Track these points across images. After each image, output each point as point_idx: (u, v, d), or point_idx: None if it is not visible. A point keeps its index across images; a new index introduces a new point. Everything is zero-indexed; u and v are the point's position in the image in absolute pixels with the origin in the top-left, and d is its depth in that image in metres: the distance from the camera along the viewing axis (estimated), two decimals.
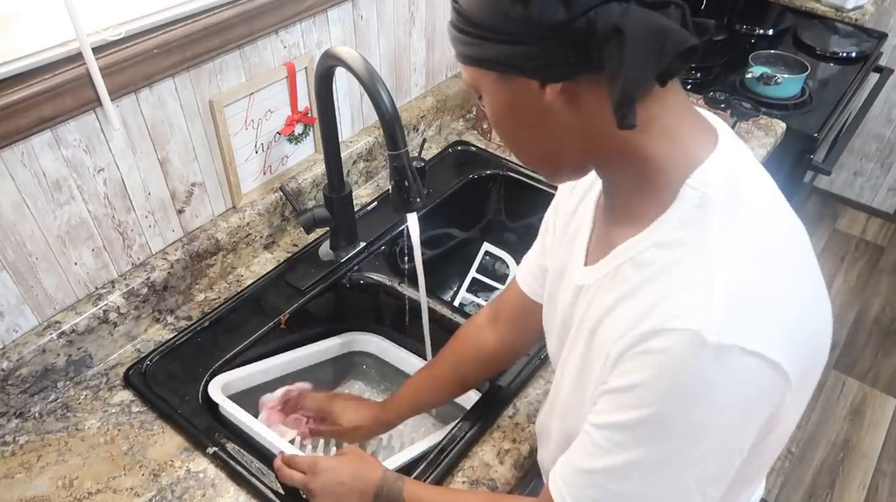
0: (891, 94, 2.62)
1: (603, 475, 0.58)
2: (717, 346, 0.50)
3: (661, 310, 0.54)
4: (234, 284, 1.19)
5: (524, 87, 0.57)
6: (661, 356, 0.53)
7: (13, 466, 0.92)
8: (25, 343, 0.96)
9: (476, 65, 0.59)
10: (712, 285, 0.53)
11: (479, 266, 1.49)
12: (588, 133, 0.58)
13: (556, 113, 0.57)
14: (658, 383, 0.53)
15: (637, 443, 0.56)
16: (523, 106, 0.59)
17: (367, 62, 0.91)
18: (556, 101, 0.56)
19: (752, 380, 0.52)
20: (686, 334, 0.51)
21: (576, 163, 0.63)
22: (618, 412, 0.56)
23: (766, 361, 0.51)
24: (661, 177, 0.58)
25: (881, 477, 2.08)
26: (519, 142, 0.64)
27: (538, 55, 0.54)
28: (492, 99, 0.61)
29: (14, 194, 0.88)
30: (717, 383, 0.51)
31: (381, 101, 0.89)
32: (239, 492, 0.90)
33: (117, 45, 0.90)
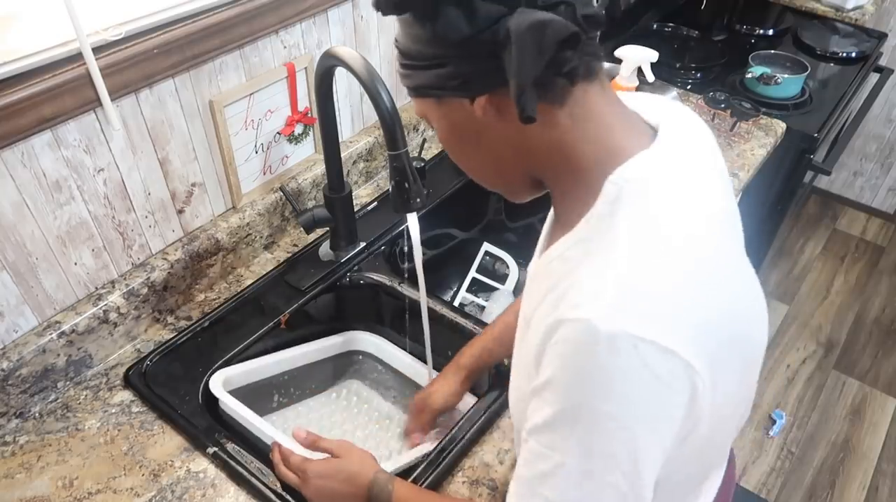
0: (891, 94, 2.62)
1: (538, 481, 0.58)
2: (608, 334, 0.51)
3: (564, 303, 0.55)
4: (234, 284, 1.19)
5: (457, 107, 0.60)
6: (563, 347, 0.53)
7: (13, 466, 0.92)
8: (25, 343, 0.96)
9: (416, 94, 0.63)
10: (607, 275, 0.54)
11: (479, 266, 1.49)
12: (520, 142, 0.61)
13: (490, 126, 0.60)
14: (564, 375, 0.54)
15: (558, 442, 0.55)
16: (461, 125, 0.62)
17: (368, 62, 0.91)
18: (486, 114, 0.59)
19: (648, 367, 0.51)
20: (580, 323, 0.52)
21: (522, 176, 0.65)
22: (540, 411, 0.56)
23: (659, 348, 0.51)
24: (587, 178, 0.59)
25: (881, 477, 2.08)
26: (468, 163, 0.67)
27: (456, 73, 0.57)
28: (437, 124, 0.65)
29: (14, 194, 0.88)
30: (613, 370, 0.51)
31: (381, 101, 0.90)
32: (239, 492, 0.90)
33: (117, 45, 0.90)
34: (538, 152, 0.61)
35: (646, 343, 0.51)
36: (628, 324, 0.51)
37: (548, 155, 0.61)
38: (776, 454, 2.13)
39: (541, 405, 0.56)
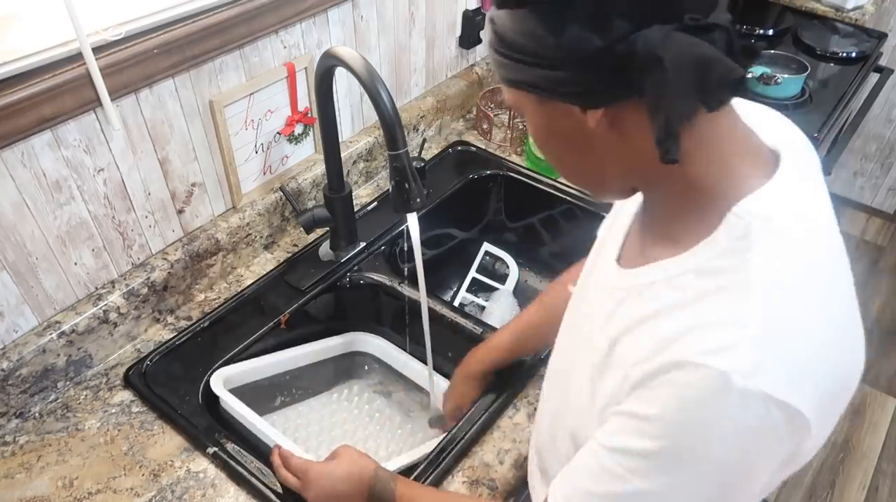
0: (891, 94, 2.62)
1: (606, 499, 0.57)
2: (743, 391, 0.49)
3: (691, 341, 0.52)
4: (234, 284, 1.19)
5: (565, 111, 0.55)
6: (685, 390, 0.51)
7: (13, 466, 0.92)
8: (25, 343, 0.96)
9: (516, 87, 0.57)
10: (745, 325, 0.51)
11: (479, 266, 1.49)
12: (631, 157, 0.57)
13: (599, 137, 0.56)
14: (678, 417, 0.52)
15: (648, 473, 0.54)
16: (565, 129, 0.58)
17: (368, 62, 0.91)
18: (598, 126, 0.55)
19: (774, 428, 0.50)
20: (713, 373, 0.50)
21: (619, 185, 0.62)
22: (632, 438, 0.55)
23: (790, 410, 0.50)
24: (705, 204, 0.56)
25: (881, 477, 2.08)
26: (562, 163, 0.63)
27: (576, 81, 0.52)
28: (533, 121, 0.60)
29: (14, 194, 0.88)
30: (738, 426, 0.50)
31: (382, 101, 0.89)
32: (239, 492, 0.90)
33: (117, 45, 0.90)
34: (651, 171, 0.57)
35: (778, 404, 0.49)
36: (766, 383, 0.49)
37: (662, 175, 0.57)
38: None
39: (636, 434, 0.54)
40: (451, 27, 1.49)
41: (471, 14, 1.48)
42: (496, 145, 1.54)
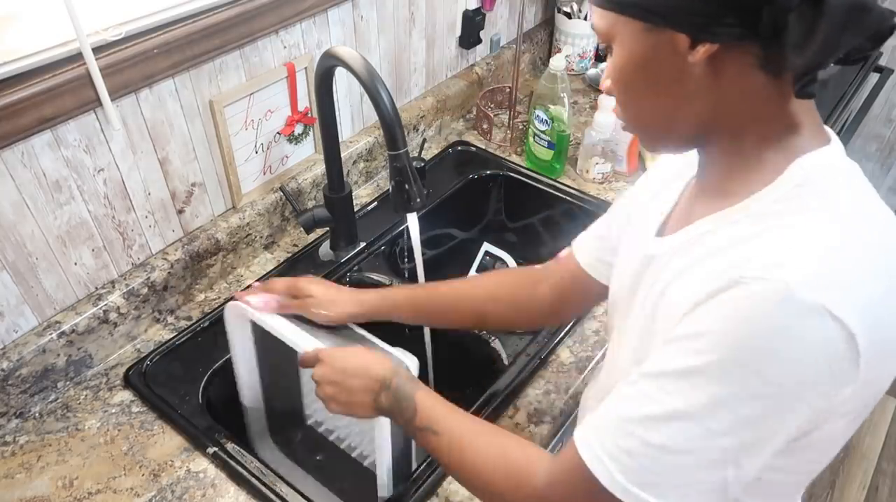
0: (891, 94, 2.62)
1: (641, 424, 0.55)
2: (805, 302, 0.49)
3: (751, 259, 0.52)
4: (234, 284, 1.19)
5: (669, 43, 0.55)
6: (743, 302, 0.50)
7: (13, 466, 0.92)
8: (25, 343, 0.96)
9: (621, 10, 0.56)
10: (809, 244, 0.51)
11: (479, 266, 1.49)
12: (716, 103, 0.57)
13: (694, 77, 0.56)
14: (732, 329, 0.51)
15: (688, 391, 0.53)
16: (661, 62, 0.57)
17: (368, 62, 0.91)
18: (699, 63, 0.54)
19: (827, 346, 0.49)
20: (774, 284, 0.49)
21: (687, 133, 0.61)
22: (678, 358, 0.54)
23: (845, 330, 0.49)
24: (768, 158, 0.57)
25: (881, 477, 2.08)
26: (638, 101, 0.62)
27: (704, 11, 0.52)
28: (627, 50, 0.58)
29: (14, 194, 0.88)
30: (793, 338, 0.49)
31: (382, 101, 0.89)
32: (239, 492, 0.90)
33: (117, 45, 0.90)
34: (730, 116, 0.57)
35: (835, 321, 0.49)
36: (827, 298, 0.49)
37: (739, 121, 0.57)
38: None
39: (682, 352, 0.54)
40: (451, 27, 1.49)
41: (471, 14, 1.48)
42: (496, 145, 1.54)
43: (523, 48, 1.67)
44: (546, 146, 1.41)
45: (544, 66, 1.66)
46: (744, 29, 0.52)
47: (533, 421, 0.99)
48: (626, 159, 1.43)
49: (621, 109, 0.64)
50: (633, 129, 0.66)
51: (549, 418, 0.99)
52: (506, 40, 1.68)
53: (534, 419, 0.99)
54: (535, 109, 1.39)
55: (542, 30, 1.77)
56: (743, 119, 0.57)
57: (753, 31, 0.51)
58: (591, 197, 1.38)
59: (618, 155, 1.42)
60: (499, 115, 1.62)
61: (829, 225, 0.53)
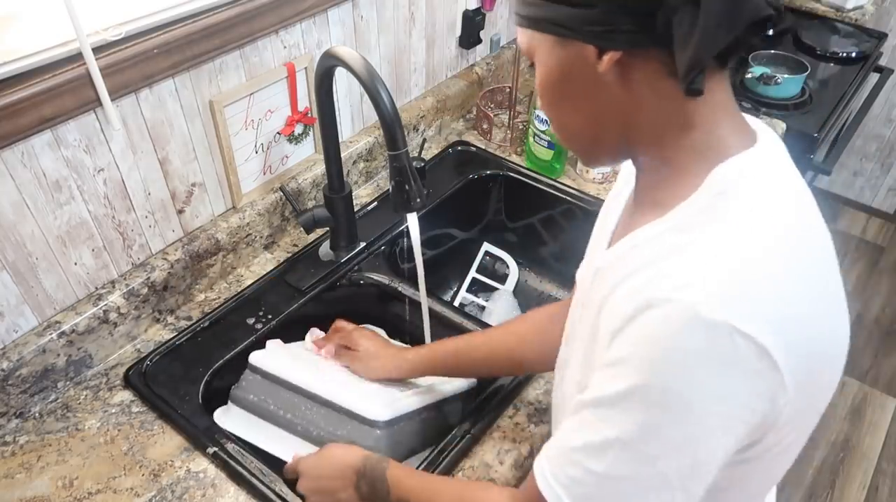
0: (891, 94, 2.62)
1: (583, 452, 0.57)
2: (709, 321, 0.49)
3: (662, 282, 0.53)
4: (234, 284, 1.19)
5: (579, 54, 0.57)
6: (653, 327, 0.52)
7: (13, 466, 0.92)
8: (25, 343, 0.96)
9: (534, 27, 0.59)
10: (714, 264, 0.52)
11: (479, 266, 1.49)
12: (632, 112, 0.58)
13: (606, 86, 0.57)
14: (646, 353, 0.52)
15: (617, 417, 0.54)
16: (574, 74, 0.58)
17: (368, 62, 0.91)
18: (609, 72, 0.56)
19: (740, 363, 0.50)
20: (678, 305, 0.50)
21: (613, 144, 0.63)
22: (604, 385, 0.55)
23: (756, 346, 0.50)
24: (690, 166, 0.58)
25: (881, 477, 2.08)
26: (562, 115, 0.64)
27: (602, 20, 0.54)
28: (544, 64, 0.61)
29: (14, 194, 0.88)
30: (704, 358, 0.50)
31: (382, 102, 0.89)
32: (239, 492, 0.90)
33: (117, 45, 0.90)
34: (647, 124, 0.59)
35: (744, 337, 0.49)
36: (733, 315, 0.49)
37: (656, 130, 0.59)
38: None
39: (609, 379, 0.55)
40: (451, 27, 1.49)
41: (471, 14, 1.48)
42: (496, 145, 1.54)
43: None
44: (546, 146, 1.41)
45: None
46: (640, 34, 0.53)
47: (533, 421, 0.99)
48: None
49: (551, 124, 0.67)
50: (564, 144, 0.68)
51: (549, 418, 0.99)
52: (506, 40, 1.68)
53: (534, 419, 0.99)
54: (535, 109, 1.39)
55: None
56: (660, 127, 0.58)
57: (648, 35, 0.53)
58: (591, 197, 1.38)
59: None
60: (499, 115, 1.62)
61: (742, 237, 0.54)
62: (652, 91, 0.56)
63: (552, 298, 1.46)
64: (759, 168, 0.57)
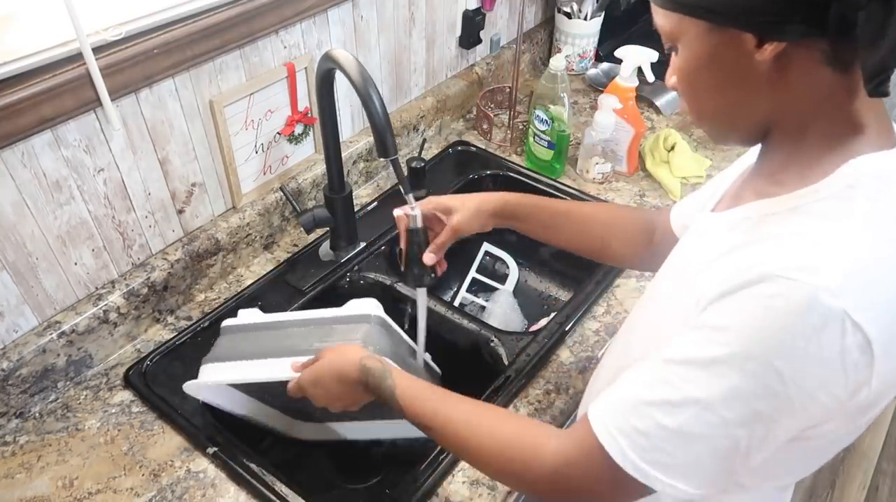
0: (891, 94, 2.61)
1: (657, 407, 0.57)
2: (828, 309, 0.50)
3: (782, 258, 0.53)
4: (234, 284, 1.19)
5: (735, 42, 0.55)
6: (770, 301, 0.52)
7: (13, 466, 0.92)
8: (25, 343, 0.96)
9: (685, 11, 0.57)
10: (842, 249, 0.52)
11: (479, 266, 1.49)
12: (782, 100, 0.58)
13: (759, 74, 0.56)
14: (757, 325, 0.52)
15: (707, 380, 0.55)
16: (727, 61, 0.57)
17: (363, 67, 0.90)
18: (766, 62, 0.55)
19: (845, 352, 0.51)
20: (802, 286, 0.51)
21: (753, 127, 0.62)
22: (701, 347, 0.55)
23: (864, 337, 0.50)
24: (824, 155, 0.57)
25: (881, 476, 2.08)
26: (703, 98, 0.63)
27: (768, 9, 0.52)
28: (693, 50, 0.59)
29: (14, 194, 0.88)
30: (814, 341, 0.51)
31: (374, 107, 0.87)
32: (239, 492, 0.90)
33: (117, 45, 0.90)
34: (793, 111, 0.58)
35: (855, 327, 0.50)
36: (849, 305, 0.50)
37: (801, 117, 0.58)
38: None
39: (705, 342, 0.55)
40: (451, 27, 1.49)
41: (471, 14, 1.48)
42: (496, 145, 1.54)
43: (523, 48, 1.67)
44: (546, 146, 1.41)
45: (544, 66, 1.66)
46: (810, 26, 0.52)
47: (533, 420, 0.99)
48: (626, 159, 1.43)
49: (687, 106, 0.65)
50: (699, 124, 0.67)
51: (550, 418, 0.99)
52: (506, 40, 1.68)
53: (534, 418, 0.99)
54: (535, 109, 1.39)
55: (542, 30, 1.77)
56: (807, 114, 0.58)
57: (821, 27, 0.52)
58: (591, 197, 1.38)
59: (618, 155, 1.42)
60: (499, 114, 1.62)
61: (867, 231, 0.54)
62: (806, 80, 0.55)
63: (552, 298, 1.47)
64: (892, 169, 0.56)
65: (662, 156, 1.43)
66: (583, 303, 1.15)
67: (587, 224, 0.96)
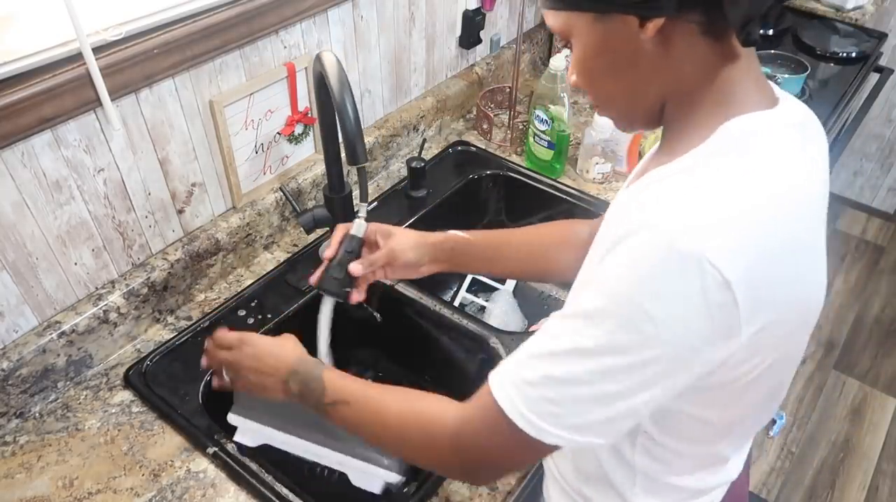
0: (891, 94, 2.62)
1: (544, 358, 0.60)
2: (682, 251, 0.53)
3: (650, 211, 0.57)
4: (234, 284, 1.19)
5: (620, 26, 0.59)
6: (633, 251, 0.55)
7: (13, 466, 0.92)
8: (25, 343, 0.96)
9: (571, 7, 0.61)
10: (704, 203, 0.56)
11: None
12: (670, 73, 0.61)
13: (647, 53, 0.60)
14: (626, 273, 0.56)
15: (586, 329, 0.57)
16: (616, 46, 0.61)
17: (344, 73, 0.89)
18: (651, 40, 0.58)
19: (705, 292, 0.53)
20: (658, 234, 0.54)
21: (653, 107, 0.65)
22: (585, 301, 0.58)
23: (723, 278, 0.53)
24: (708, 119, 0.61)
25: (881, 477, 2.08)
26: (602, 86, 0.66)
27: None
28: (584, 41, 0.63)
29: (14, 194, 0.88)
30: (676, 283, 0.53)
31: (346, 116, 0.88)
32: (239, 492, 0.90)
33: (117, 45, 0.90)
34: (681, 83, 0.62)
35: (713, 267, 0.52)
36: (705, 247, 0.53)
37: (687, 87, 0.62)
38: (776, 454, 2.13)
39: (588, 296, 0.58)
40: (451, 27, 1.49)
41: (471, 14, 1.48)
42: (496, 145, 1.54)
43: (523, 48, 1.67)
44: (546, 146, 1.41)
45: (544, 66, 1.66)
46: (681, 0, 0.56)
47: None
48: (626, 159, 1.43)
49: (591, 97, 0.69)
50: (604, 114, 0.70)
51: None
52: (506, 40, 1.69)
53: None
54: (535, 109, 1.39)
55: (542, 30, 1.77)
56: (691, 85, 0.61)
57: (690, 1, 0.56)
58: (591, 197, 1.38)
59: (618, 155, 1.42)
60: (499, 115, 1.62)
61: (733, 184, 0.57)
62: (688, 51, 0.59)
63: (552, 298, 1.47)
64: (769, 127, 0.60)
65: None
66: None
67: (531, 247, 0.97)
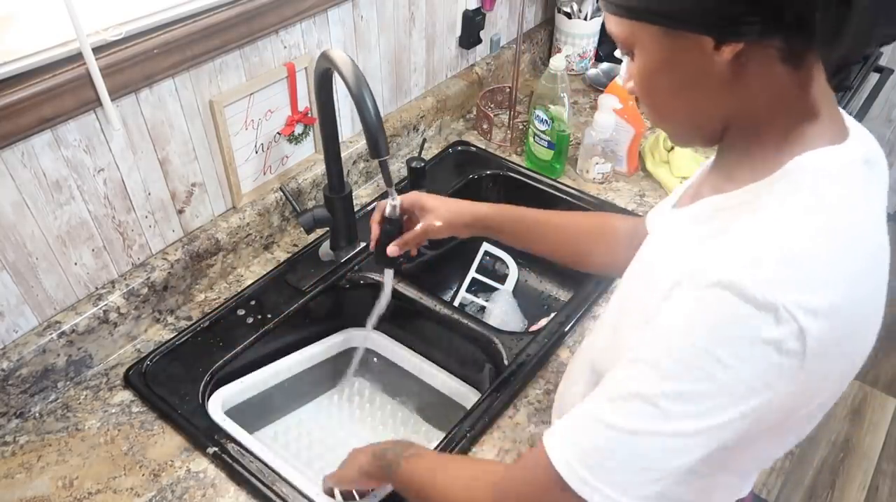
0: (891, 94, 2.62)
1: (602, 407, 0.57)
2: (758, 300, 0.51)
3: (719, 257, 0.54)
4: (234, 284, 1.19)
5: (693, 45, 0.55)
6: (705, 299, 0.53)
7: (13, 466, 0.92)
8: (25, 343, 0.96)
9: (640, 18, 0.57)
10: (779, 247, 0.53)
11: (478, 266, 1.49)
12: (741, 99, 0.58)
13: (717, 76, 0.56)
14: (693, 321, 0.53)
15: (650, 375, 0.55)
16: (685, 65, 0.57)
17: (357, 68, 0.90)
18: (725, 62, 0.55)
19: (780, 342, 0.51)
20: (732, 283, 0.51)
21: (712, 129, 0.63)
22: (645, 348, 0.56)
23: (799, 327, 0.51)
24: (774, 147, 0.58)
25: (881, 477, 2.08)
26: (662, 101, 0.63)
27: (724, 12, 0.52)
28: (649, 55, 0.59)
29: (14, 194, 0.88)
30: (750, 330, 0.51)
31: (366, 109, 0.88)
32: (239, 492, 0.90)
33: (117, 45, 0.90)
34: (751, 109, 0.58)
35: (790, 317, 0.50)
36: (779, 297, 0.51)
37: (758, 114, 0.58)
38: None
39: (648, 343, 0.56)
40: (451, 27, 1.49)
41: (471, 14, 1.48)
42: (496, 145, 1.54)
43: (523, 48, 1.67)
44: (546, 146, 1.41)
45: (544, 66, 1.66)
46: (767, 26, 0.52)
47: (533, 421, 0.99)
48: (626, 159, 1.43)
49: (647, 110, 0.65)
50: (660, 127, 0.68)
51: (549, 418, 0.99)
52: (506, 40, 1.68)
53: (534, 419, 0.99)
54: (535, 109, 1.39)
55: (542, 30, 1.77)
56: (761, 111, 0.58)
57: (777, 26, 0.52)
58: (591, 197, 1.38)
59: (618, 155, 1.42)
60: (499, 115, 1.62)
61: (807, 225, 0.54)
62: (762, 78, 0.56)
63: (552, 298, 1.47)
64: (840, 164, 0.57)
65: (662, 157, 1.43)
66: (583, 303, 1.15)
67: (567, 233, 0.96)
